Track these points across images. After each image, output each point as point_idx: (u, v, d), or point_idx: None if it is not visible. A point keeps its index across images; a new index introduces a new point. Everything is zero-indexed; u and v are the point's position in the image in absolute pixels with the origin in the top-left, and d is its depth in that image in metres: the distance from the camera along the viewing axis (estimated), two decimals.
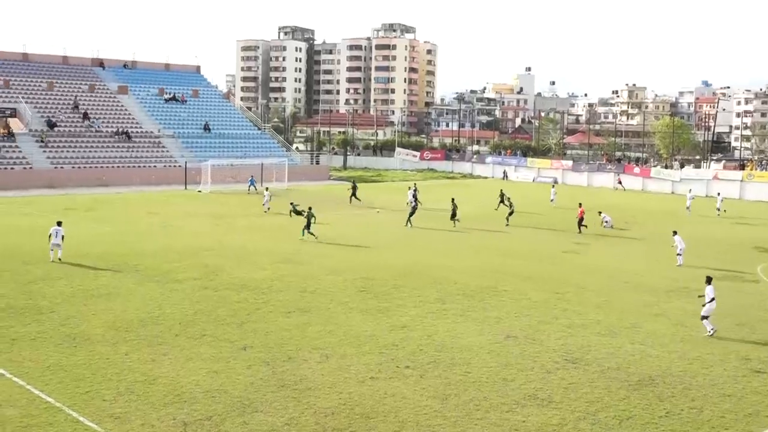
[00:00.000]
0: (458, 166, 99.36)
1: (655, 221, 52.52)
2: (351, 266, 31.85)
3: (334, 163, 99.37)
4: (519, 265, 33.36)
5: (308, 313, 23.80)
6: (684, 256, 35.31)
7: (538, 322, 23.49)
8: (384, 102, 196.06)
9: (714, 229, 49.15)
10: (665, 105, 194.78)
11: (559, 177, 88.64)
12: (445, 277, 29.93)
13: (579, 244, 40.45)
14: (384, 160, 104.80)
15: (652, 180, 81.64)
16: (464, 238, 41.54)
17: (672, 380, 18.34)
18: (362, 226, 45.39)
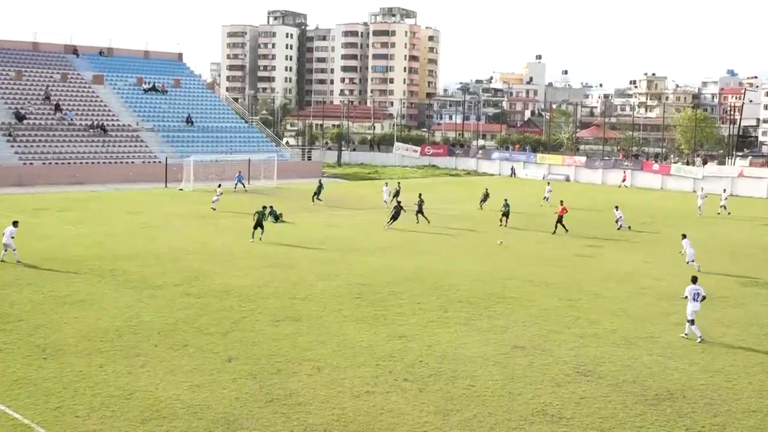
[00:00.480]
0: (462, 163, 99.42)
1: (675, 222, 52.58)
2: (345, 271, 31.89)
3: (327, 159, 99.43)
4: (527, 270, 33.41)
5: (299, 321, 23.82)
6: (702, 261, 35.34)
7: (547, 331, 23.53)
8: (382, 93, 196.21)
9: (737, 232, 49.22)
10: (687, 96, 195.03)
11: (572, 174, 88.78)
12: (447, 283, 29.97)
13: (592, 247, 40.52)
14: (382, 156, 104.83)
15: (672, 177, 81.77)
16: (467, 241, 41.59)
17: (693, 394, 18.39)
18: (356, 228, 45.43)
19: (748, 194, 74.46)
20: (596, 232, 45.76)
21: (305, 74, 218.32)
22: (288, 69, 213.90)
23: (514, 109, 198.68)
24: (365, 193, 64.73)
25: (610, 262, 36.28)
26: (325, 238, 40.77)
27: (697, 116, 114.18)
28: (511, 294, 28.44)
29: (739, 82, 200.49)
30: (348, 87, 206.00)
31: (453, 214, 52.91)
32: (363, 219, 49.71)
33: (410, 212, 47.48)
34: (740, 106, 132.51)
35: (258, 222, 39.47)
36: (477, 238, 42.59)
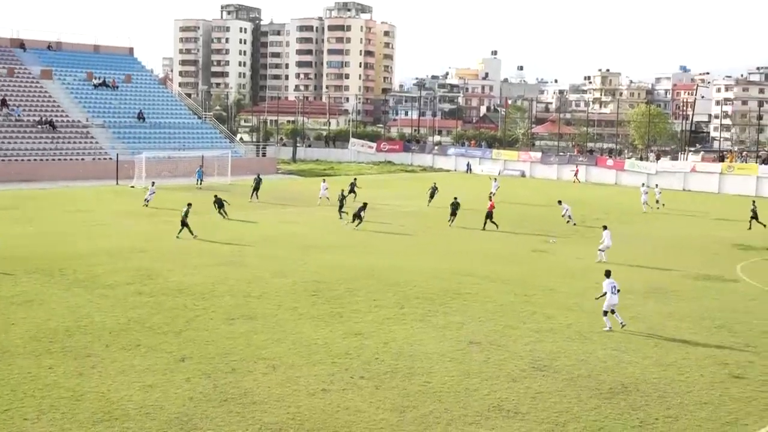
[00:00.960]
0: (418, 159, 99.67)
1: (629, 218, 53.32)
2: (300, 269, 31.82)
3: (282, 156, 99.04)
4: (483, 267, 33.63)
5: (253, 319, 23.72)
6: (650, 255, 35.95)
7: (503, 326, 23.72)
8: (337, 88, 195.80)
9: (689, 227, 50.05)
10: (641, 92, 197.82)
11: (527, 170, 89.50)
12: (403, 280, 30.05)
13: (548, 243, 40.89)
14: (337, 152, 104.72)
15: (626, 173, 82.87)
16: (423, 238, 41.74)
17: (646, 388, 18.68)
18: (311, 225, 45.35)
19: (701, 189, 75.75)
20: (552, 228, 46.20)
21: (259, 69, 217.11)
22: (242, 64, 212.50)
23: (470, 104, 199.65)
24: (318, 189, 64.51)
25: (566, 257, 36.66)
26: (280, 236, 40.64)
27: (651, 112, 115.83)
28: (467, 290, 28.60)
29: (691, 78, 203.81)
30: (303, 82, 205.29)
31: (409, 211, 53.06)
32: (318, 216, 49.62)
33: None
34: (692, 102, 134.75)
35: (183, 221, 38.94)
36: (433, 235, 42.76)
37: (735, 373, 19.96)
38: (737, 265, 35.94)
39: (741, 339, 23.27)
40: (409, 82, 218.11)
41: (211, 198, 47.24)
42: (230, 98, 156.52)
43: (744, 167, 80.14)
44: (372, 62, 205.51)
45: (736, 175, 76.53)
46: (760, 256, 38.74)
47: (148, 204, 50.66)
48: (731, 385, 19.11)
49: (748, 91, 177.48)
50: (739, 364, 20.73)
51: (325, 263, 33.08)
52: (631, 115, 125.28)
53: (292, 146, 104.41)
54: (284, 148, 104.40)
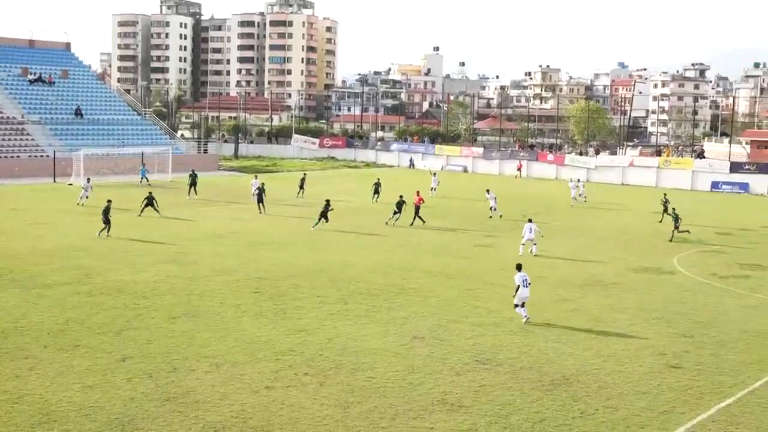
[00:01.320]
0: (361, 154, 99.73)
1: (570, 212, 54.06)
2: (243, 266, 31.63)
3: (224, 152, 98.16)
4: (427, 262, 33.80)
5: (195, 318, 23.50)
6: (590, 248, 36.54)
7: (447, 321, 23.87)
8: (279, 84, 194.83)
9: (627, 220, 50.95)
10: (580, 88, 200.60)
11: (470, 165, 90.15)
12: (347, 276, 30.05)
13: (490, 237, 41.27)
14: (280, 148, 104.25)
15: (566, 167, 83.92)
16: (367, 234, 41.76)
17: (586, 379, 18.98)
18: (255, 222, 45.09)
19: (638, 183, 77.17)
20: (495, 223, 46.59)
21: (200, 65, 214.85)
22: (182, 60, 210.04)
23: (413, 100, 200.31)
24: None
25: (508, 251, 37.00)
26: (223, 233, 40.32)
27: (590, 107, 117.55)
28: (411, 285, 28.72)
29: (629, 74, 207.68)
30: (245, 78, 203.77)
31: (354, 207, 53.05)
32: (256, 215, 49.30)
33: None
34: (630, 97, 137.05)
35: (104, 218, 38.20)
36: (378, 231, 42.80)
37: (672, 363, 20.39)
38: (674, 257, 36.71)
39: (678, 329, 23.78)
40: (351, 78, 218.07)
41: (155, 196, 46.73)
42: (171, 94, 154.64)
43: (680, 161, 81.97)
44: (314, 58, 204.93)
45: (672, 169, 78.17)
46: (696, 249, 39.62)
47: (84, 203, 49.45)
48: (668, 374, 19.52)
49: (683, 86, 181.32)
50: (676, 354, 21.19)
51: (268, 260, 32.92)
52: (571, 111, 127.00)
53: (234, 143, 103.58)
54: (226, 145, 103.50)
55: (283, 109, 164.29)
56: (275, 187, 64.10)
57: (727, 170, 75.38)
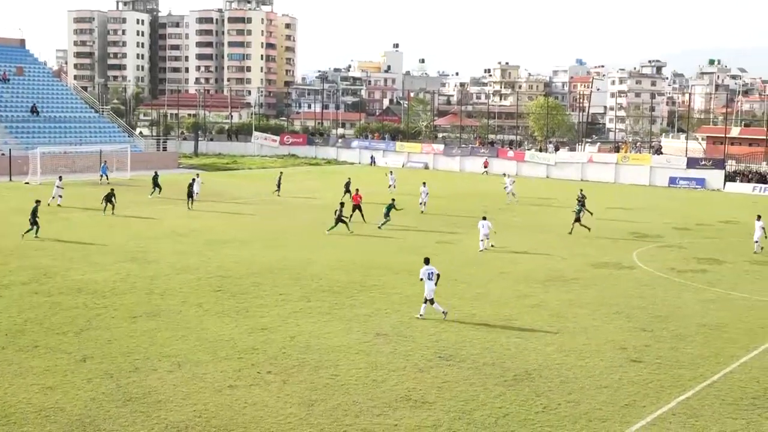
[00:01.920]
0: (322, 152, 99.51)
1: (531, 208, 54.45)
2: (205, 264, 31.43)
3: (183, 150, 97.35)
4: (389, 259, 33.84)
5: (156, 317, 23.31)
6: (551, 244, 36.92)
7: (409, 318, 23.93)
8: (239, 81, 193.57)
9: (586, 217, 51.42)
10: (539, 84, 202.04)
11: (430, 162, 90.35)
12: (309, 273, 30.00)
13: (452, 234, 41.43)
14: (240, 146, 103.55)
15: (526, 164, 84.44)
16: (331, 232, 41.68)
17: (549, 374, 19.14)
18: (216, 220, 44.81)
19: (598, 179, 77.93)
20: (456, 220, 46.78)
21: (158, 62, 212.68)
22: (140, 56, 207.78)
23: (373, 97, 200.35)
24: (224, 183, 63.80)
25: (470, 248, 37.18)
26: (184, 231, 40.02)
27: (549, 104, 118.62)
28: (374, 282, 28.75)
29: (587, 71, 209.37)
30: (204, 75, 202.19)
31: (315, 204, 52.93)
32: (223, 210, 49.04)
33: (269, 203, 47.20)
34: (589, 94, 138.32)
35: (32, 219, 37.30)
36: (339, 229, 42.73)
37: (632, 357, 20.65)
38: (633, 252, 37.15)
39: (637, 324, 24.08)
40: (311, 75, 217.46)
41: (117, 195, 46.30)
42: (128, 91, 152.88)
43: (638, 157, 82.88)
44: (274, 55, 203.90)
45: (630, 165, 79.00)
46: (655, 243, 40.13)
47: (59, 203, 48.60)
48: (629, 368, 19.76)
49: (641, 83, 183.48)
50: (636, 349, 21.45)
51: (230, 258, 32.75)
52: (531, 107, 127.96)
53: (194, 140, 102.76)
54: (185, 143, 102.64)
55: (242, 106, 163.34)
56: (236, 184, 63.84)
57: (684, 166, 76.44)
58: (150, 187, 55.36)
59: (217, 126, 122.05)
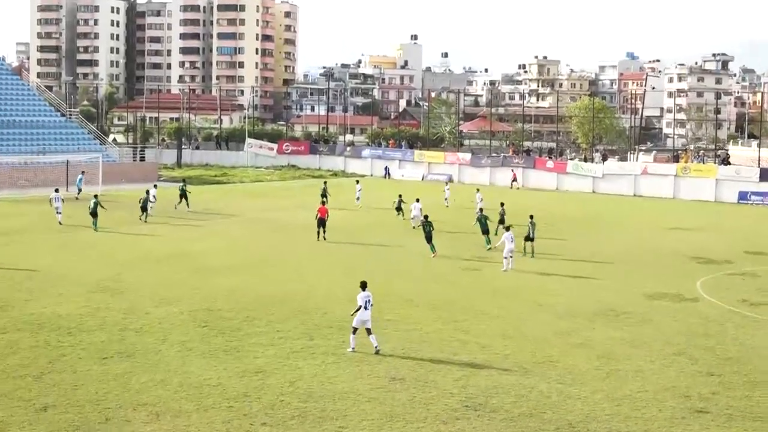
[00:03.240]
0: (327, 162, 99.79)
1: (576, 228, 54.22)
2: (189, 294, 31.40)
3: (164, 160, 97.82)
4: (407, 288, 33.72)
5: (132, 357, 23.26)
6: (599, 270, 36.88)
7: (430, 359, 23.78)
8: (230, 79, 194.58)
9: (644, 238, 51.19)
10: (583, 82, 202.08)
11: (455, 174, 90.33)
12: (312, 306, 29.92)
13: (480, 260, 41.28)
14: (231, 155, 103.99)
15: (568, 176, 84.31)
16: (336, 255, 41.65)
17: (597, 427, 18.94)
18: (204, 242, 44.86)
19: (653, 194, 77.57)
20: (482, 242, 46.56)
21: (136, 57, 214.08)
22: (115, 51, 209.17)
23: (387, 98, 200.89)
24: (213, 199, 63.95)
25: (503, 276, 37.02)
26: (165, 256, 40.05)
27: (595, 105, 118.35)
28: (388, 316, 28.62)
29: (640, 66, 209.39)
30: (189, 72, 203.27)
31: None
32: (212, 231, 49.12)
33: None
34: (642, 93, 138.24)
35: None
36: (348, 251, 42.68)
37: (697, 407, 20.41)
38: (697, 281, 36.89)
39: (703, 367, 23.84)
40: (315, 72, 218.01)
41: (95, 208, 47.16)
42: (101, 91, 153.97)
43: (701, 168, 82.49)
44: (271, 48, 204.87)
45: (692, 178, 78.64)
46: (722, 271, 39.84)
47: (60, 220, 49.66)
48: (693, 420, 19.53)
49: (703, 81, 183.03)
50: (702, 396, 21.22)
51: (220, 288, 32.71)
52: (573, 110, 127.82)
53: (177, 149, 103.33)
54: (167, 151, 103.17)
55: (234, 108, 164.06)
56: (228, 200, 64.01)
57: (757, 178, 75.93)
58: (177, 199, 57.70)
59: (204, 132, 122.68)
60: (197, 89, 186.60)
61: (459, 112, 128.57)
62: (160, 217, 53.64)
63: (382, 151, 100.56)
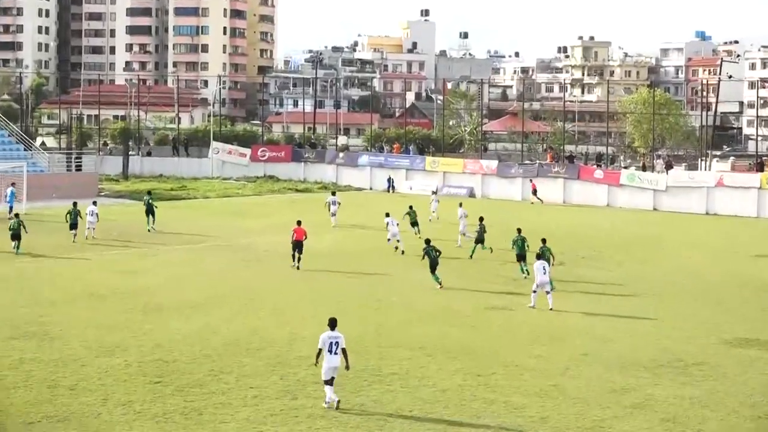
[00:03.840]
0: (315, 171, 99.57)
1: (629, 256, 54.05)
2: (138, 341, 31.33)
3: (107, 170, 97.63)
4: (416, 331, 33.59)
5: (65, 422, 23.24)
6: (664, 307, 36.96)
7: (447, 424, 23.74)
8: (190, 67, 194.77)
9: (722, 268, 51.05)
10: (641, 69, 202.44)
11: (477, 186, 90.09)
12: (294, 355, 29.86)
13: (511, 295, 41.10)
14: (192, 163, 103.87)
15: (623, 190, 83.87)
16: (324, 289, 41.55)
17: None
18: (159, 274, 44.80)
19: (731, 211, 77.49)
20: (517, 272, 46.48)
21: (71, 39, 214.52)
22: (43, 31, 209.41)
23: (391, 89, 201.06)
24: (166, 220, 63.89)
25: (537, 315, 36.87)
26: (109, 290, 39.98)
27: (656, 99, 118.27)
28: (393, 369, 28.56)
29: (713, 49, 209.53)
30: (138, 58, 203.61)
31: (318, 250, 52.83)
32: (168, 260, 49.08)
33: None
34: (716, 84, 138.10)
35: None
36: (342, 285, 42.59)
37: None
38: None
39: None
40: (299, 58, 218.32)
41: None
42: (26, 82, 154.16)
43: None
44: (243, 27, 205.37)
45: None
46: None
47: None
48: None
49: None
50: None
51: (177, 331, 32.63)
52: (628, 104, 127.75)
53: (123, 155, 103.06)
54: (110, 158, 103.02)
55: (196, 104, 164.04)
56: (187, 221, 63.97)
57: None
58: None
59: (157, 134, 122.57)
60: (149, 79, 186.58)
61: (482, 108, 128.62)
62: (103, 242, 53.64)
63: (384, 157, 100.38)
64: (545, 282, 37.69)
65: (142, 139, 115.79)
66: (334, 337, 24.93)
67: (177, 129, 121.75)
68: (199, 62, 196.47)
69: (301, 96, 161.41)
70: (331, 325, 25.31)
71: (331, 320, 25.57)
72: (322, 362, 24.76)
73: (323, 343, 24.82)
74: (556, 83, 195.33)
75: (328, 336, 24.90)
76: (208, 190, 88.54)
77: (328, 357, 24.66)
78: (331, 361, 24.67)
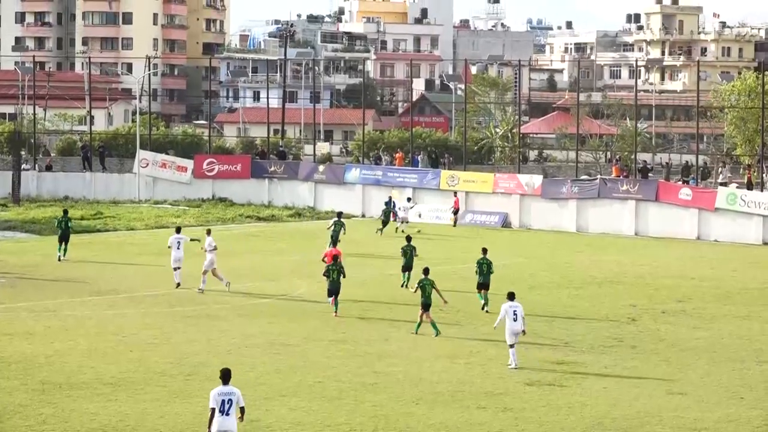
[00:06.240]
0: (283, 191, 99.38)
1: (728, 308, 54.19)
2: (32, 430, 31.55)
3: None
4: (439, 417, 33.73)
5: None
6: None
7: None
8: (108, 44, 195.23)
9: None
10: (745, 46, 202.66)
11: (514, 211, 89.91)
12: None
13: (561, 365, 41.27)
14: (110, 180, 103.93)
15: (719, 216, 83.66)
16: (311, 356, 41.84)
17: None
18: (58, 336, 45.06)
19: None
20: (565, 333, 46.71)
21: None
22: None
23: (391, 76, 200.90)
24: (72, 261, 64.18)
25: (597, 394, 37.05)
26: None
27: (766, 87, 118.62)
28: None
29: None
30: (33, 33, 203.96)
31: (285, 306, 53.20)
32: (75, 318, 49.31)
33: None
34: None
35: None
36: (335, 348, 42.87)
37: None
38: None
39: None
40: (261, 31, 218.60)
41: None
42: None
43: None
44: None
45: None
46: None
47: None
48: None
49: None
50: None
51: (90, 418, 32.80)
52: (726, 96, 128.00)
53: (13, 170, 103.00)
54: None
55: (115, 97, 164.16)
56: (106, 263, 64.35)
57: None
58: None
59: (62, 140, 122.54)
60: (49, 62, 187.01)
61: (520, 102, 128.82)
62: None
63: (382, 171, 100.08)
64: (517, 331, 38.73)
65: (39, 147, 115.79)
66: (227, 393, 25.27)
67: (89, 132, 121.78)
68: (120, 38, 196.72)
69: (264, 86, 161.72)
70: (223, 379, 25.66)
71: (224, 372, 25.91)
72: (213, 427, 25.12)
73: (215, 400, 25.14)
74: (625, 66, 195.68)
75: (218, 392, 25.23)
76: (133, 218, 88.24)
77: (219, 419, 24.99)
78: (223, 424, 25.00)
